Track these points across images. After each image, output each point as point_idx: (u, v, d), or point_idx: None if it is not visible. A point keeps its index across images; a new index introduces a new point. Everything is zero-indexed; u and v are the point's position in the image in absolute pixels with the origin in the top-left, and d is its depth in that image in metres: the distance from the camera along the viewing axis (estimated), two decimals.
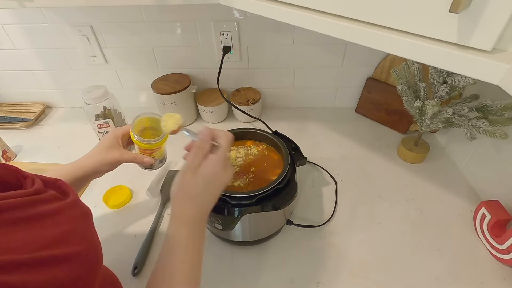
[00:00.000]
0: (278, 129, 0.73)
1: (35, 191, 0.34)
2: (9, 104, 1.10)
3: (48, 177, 0.38)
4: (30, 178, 0.37)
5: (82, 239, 0.35)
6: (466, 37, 0.31)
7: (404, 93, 0.71)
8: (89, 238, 0.37)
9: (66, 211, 0.35)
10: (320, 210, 0.71)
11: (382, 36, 0.38)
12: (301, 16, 0.46)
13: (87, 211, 0.39)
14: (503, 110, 0.59)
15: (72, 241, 0.33)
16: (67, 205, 0.36)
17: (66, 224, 0.34)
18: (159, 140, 0.56)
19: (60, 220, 0.34)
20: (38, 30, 0.91)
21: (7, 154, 0.87)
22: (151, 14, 0.86)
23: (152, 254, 0.63)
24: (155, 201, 0.74)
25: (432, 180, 0.76)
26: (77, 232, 0.35)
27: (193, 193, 0.44)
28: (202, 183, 0.44)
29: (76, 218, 0.36)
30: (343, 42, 0.87)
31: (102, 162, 0.56)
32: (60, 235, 0.32)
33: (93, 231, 0.39)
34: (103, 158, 0.56)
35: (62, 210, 0.35)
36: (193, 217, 0.44)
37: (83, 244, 0.34)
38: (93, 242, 0.37)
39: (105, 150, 0.56)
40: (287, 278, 0.58)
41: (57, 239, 0.31)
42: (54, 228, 0.32)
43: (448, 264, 0.59)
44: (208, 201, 0.45)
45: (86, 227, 0.38)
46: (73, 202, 0.37)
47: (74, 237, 0.34)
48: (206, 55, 0.94)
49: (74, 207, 0.37)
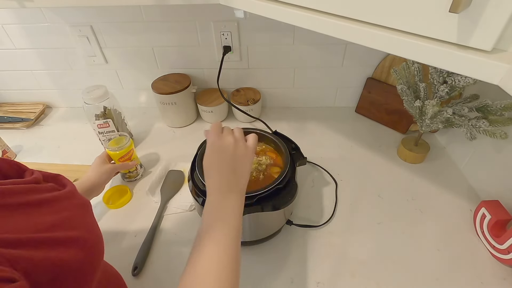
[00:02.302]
0: (278, 129, 0.73)
1: (34, 179, 0.37)
2: (9, 104, 1.10)
3: (48, 172, 0.40)
4: (29, 171, 0.40)
5: (82, 226, 0.36)
6: (466, 37, 0.31)
7: (404, 93, 0.71)
8: (89, 226, 0.38)
9: (65, 200, 0.37)
10: (320, 210, 0.71)
11: (382, 36, 0.38)
12: (301, 16, 0.46)
13: (86, 202, 0.41)
14: (503, 110, 0.59)
15: (72, 226, 0.35)
16: (66, 194, 0.38)
17: (65, 211, 0.35)
18: (126, 146, 0.74)
19: (59, 207, 0.35)
20: (38, 30, 0.91)
21: (7, 154, 0.87)
22: (151, 14, 0.86)
23: (152, 254, 0.63)
24: (155, 201, 0.74)
25: (432, 180, 0.76)
26: (76, 219, 0.36)
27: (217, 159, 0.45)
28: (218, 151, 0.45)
29: (74, 206, 0.38)
30: (343, 42, 0.87)
31: (101, 172, 0.68)
32: (59, 220, 0.34)
33: (93, 220, 0.40)
34: (100, 170, 0.69)
35: (60, 199, 0.36)
36: (218, 184, 0.44)
37: (82, 230, 0.36)
38: (93, 230, 0.38)
39: (99, 165, 0.70)
40: (287, 278, 0.58)
41: (57, 223, 0.33)
42: (53, 214, 0.34)
43: (448, 264, 0.59)
44: (230, 170, 0.44)
45: (85, 215, 0.39)
46: (70, 192, 0.39)
47: (73, 223, 0.35)
48: (206, 55, 0.94)
49: (72, 197, 0.39)
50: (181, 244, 0.65)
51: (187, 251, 0.63)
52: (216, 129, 0.47)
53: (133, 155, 0.77)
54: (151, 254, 0.63)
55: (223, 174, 0.44)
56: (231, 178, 0.43)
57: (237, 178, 0.44)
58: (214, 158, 0.45)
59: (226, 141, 0.46)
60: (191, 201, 0.72)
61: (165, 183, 0.78)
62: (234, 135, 0.47)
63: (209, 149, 0.46)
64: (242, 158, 0.45)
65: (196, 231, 0.41)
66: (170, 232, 0.67)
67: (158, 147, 0.91)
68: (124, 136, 0.75)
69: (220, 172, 0.44)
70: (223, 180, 0.43)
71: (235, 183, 0.44)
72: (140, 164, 0.81)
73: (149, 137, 0.96)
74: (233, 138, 0.46)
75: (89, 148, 0.89)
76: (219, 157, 0.44)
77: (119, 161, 0.74)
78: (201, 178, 0.56)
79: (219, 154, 0.45)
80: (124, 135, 0.76)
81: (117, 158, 0.73)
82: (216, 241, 0.38)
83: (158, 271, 0.60)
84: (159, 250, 0.64)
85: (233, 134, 0.47)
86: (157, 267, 0.61)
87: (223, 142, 0.45)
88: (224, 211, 0.41)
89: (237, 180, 0.44)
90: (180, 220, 0.70)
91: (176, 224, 0.69)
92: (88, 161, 0.72)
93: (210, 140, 0.46)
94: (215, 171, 0.44)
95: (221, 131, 0.48)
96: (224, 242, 0.38)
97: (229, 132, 0.48)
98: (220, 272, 0.35)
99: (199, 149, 0.64)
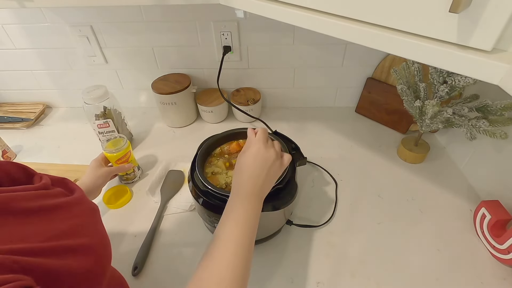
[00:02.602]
0: (278, 129, 0.73)
1: (43, 185, 0.37)
2: (9, 104, 1.10)
3: (55, 176, 0.40)
4: (38, 175, 0.40)
5: (92, 233, 0.37)
6: (466, 37, 0.31)
7: (404, 93, 0.71)
8: (98, 232, 0.39)
9: (75, 206, 0.37)
10: (320, 210, 0.71)
11: (382, 36, 0.38)
12: (301, 16, 0.46)
13: (95, 207, 0.41)
14: (503, 110, 0.59)
15: (82, 233, 0.35)
16: (76, 200, 0.38)
17: (76, 218, 0.36)
18: (123, 148, 0.73)
19: (70, 213, 0.35)
20: (38, 30, 0.91)
21: (7, 154, 0.87)
22: (151, 14, 0.86)
23: (152, 254, 0.63)
24: (155, 201, 0.74)
25: (432, 180, 0.76)
26: (86, 226, 0.37)
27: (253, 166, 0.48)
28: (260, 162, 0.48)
29: (84, 212, 0.38)
30: (343, 42, 0.87)
31: (97, 176, 0.68)
32: (70, 227, 0.34)
33: (101, 226, 0.41)
34: (96, 173, 0.68)
35: (71, 205, 0.37)
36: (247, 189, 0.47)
37: (92, 238, 0.36)
38: (102, 237, 0.39)
39: (95, 169, 0.70)
40: (287, 278, 0.58)
41: (68, 231, 0.33)
42: (64, 220, 0.34)
43: (448, 264, 0.59)
44: (263, 178, 0.48)
45: (95, 221, 0.40)
46: (80, 198, 0.39)
47: (83, 230, 0.36)
48: (206, 55, 0.94)
49: (82, 202, 0.39)
50: (181, 244, 0.65)
51: (187, 251, 0.64)
52: (265, 136, 0.51)
53: (130, 157, 0.76)
54: (151, 254, 0.63)
55: (255, 180, 0.47)
56: (258, 186, 0.47)
57: (263, 188, 0.48)
58: (253, 162, 0.48)
59: (269, 153, 0.49)
60: (191, 201, 0.72)
61: (165, 183, 0.78)
62: (275, 149, 0.51)
63: (252, 153, 0.49)
64: (275, 173, 0.50)
65: (198, 231, 0.42)
66: (170, 232, 0.67)
67: (158, 147, 0.91)
68: (122, 138, 0.75)
69: (253, 177, 0.47)
70: (254, 186, 0.47)
71: (261, 192, 0.48)
72: (137, 166, 0.81)
73: (149, 137, 0.96)
74: (275, 153, 0.50)
75: (89, 148, 0.89)
76: (258, 164, 0.48)
77: (116, 163, 0.74)
78: (201, 178, 0.56)
79: (260, 162, 0.48)
80: (121, 137, 0.75)
81: (114, 160, 0.73)
82: (233, 242, 0.41)
83: (158, 271, 0.60)
84: (159, 250, 0.64)
85: (275, 148, 0.51)
86: (157, 267, 0.61)
87: (267, 152, 0.49)
88: (246, 214, 0.44)
89: (263, 190, 0.48)
90: (180, 220, 0.70)
91: (176, 224, 0.69)
92: (88, 161, 0.72)
93: (256, 145, 0.49)
94: (249, 174, 0.47)
95: (267, 139, 0.51)
96: (240, 243, 0.41)
97: (272, 145, 0.51)
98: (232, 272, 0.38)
99: (199, 149, 0.64)
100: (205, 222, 0.63)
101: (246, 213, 0.44)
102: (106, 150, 0.72)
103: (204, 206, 0.55)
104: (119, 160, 0.74)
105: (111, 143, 0.74)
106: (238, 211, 0.44)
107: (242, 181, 0.47)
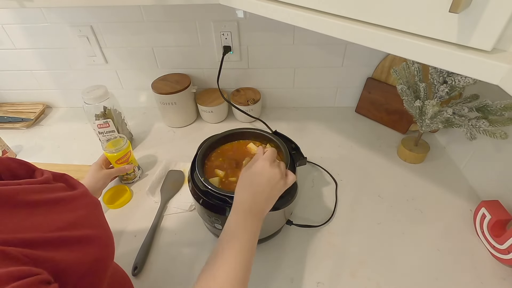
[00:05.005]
0: (278, 129, 0.73)
1: (45, 179, 0.38)
2: (9, 104, 1.10)
3: (56, 172, 0.41)
4: (39, 171, 0.41)
5: (96, 224, 0.38)
6: (466, 37, 0.31)
7: (404, 93, 0.71)
8: (102, 224, 0.40)
9: (79, 199, 0.38)
10: (320, 210, 0.71)
11: (382, 36, 0.38)
12: (301, 16, 0.46)
13: (97, 202, 0.43)
14: (503, 110, 0.59)
15: (87, 224, 0.36)
16: (79, 194, 0.39)
17: (80, 210, 0.37)
18: (123, 148, 0.73)
19: (75, 206, 0.37)
20: (38, 30, 0.91)
21: (7, 154, 0.87)
22: (151, 14, 0.86)
23: (152, 254, 0.63)
24: (155, 201, 0.74)
25: (432, 180, 0.76)
26: (91, 218, 0.38)
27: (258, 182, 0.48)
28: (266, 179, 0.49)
29: (88, 205, 0.39)
30: (343, 42, 0.87)
31: (97, 178, 0.69)
32: (76, 219, 0.35)
33: (104, 219, 0.42)
34: (96, 176, 0.69)
35: (75, 198, 0.38)
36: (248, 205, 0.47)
37: (97, 229, 0.38)
38: (106, 228, 0.41)
39: (95, 172, 0.70)
40: (287, 278, 0.58)
41: (74, 222, 0.34)
42: (69, 212, 0.35)
43: (448, 264, 0.59)
44: (265, 196, 0.48)
45: (99, 214, 0.41)
46: (84, 192, 0.40)
47: (88, 221, 0.37)
48: (206, 55, 0.94)
49: (86, 196, 0.40)
50: (181, 244, 0.65)
51: (187, 251, 0.64)
52: (273, 156, 0.52)
53: (130, 157, 0.76)
54: (151, 254, 0.63)
55: (257, 198, 0.47)
56: (260, 205, 0.47)
57: (264, 206, 0.48)
58: (257, 180, 0.48)
59: (274, 172, 0.49)
60: (191, 201, 0.72)
61: (165, 183, 0.78)
62: (281, 169, 0.50)
63: (257, 171, 0.49)
64: (277, 192, 0.50)
65: (198, 231, 0.43)
66: (170, 232, 0.67)
67: (158, 147, 0.91)
68: (122, 138, 0.75)
69: (255, 195, 0.47)
70: (254, 203, 0.47)
71: (262, 210, 0.48)
72: (138, 166, 0.81)
73: (149, 137, 0.96)
74: (280, 173, 0.50)
75: (89, 148, 0.89)
76: (262, 182, 0.48)
77: (117, 163, 0.74)
78: (201, 178, 0.56)
79: (265, 180, 0.48)
80: (122, 137, 0.76)
81: (115, 160, 0.73)
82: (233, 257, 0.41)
83: (158, 271, 0.60)
84: (159, 250, 0.64)
85: (280, 168, 0.51)
86: (157, 267, 0.61)
87: (272, 171, 0.49)
88: (245, 232, 0.44)
89: (263, 208, 0.48)
90: (180, 220, 0.70)
91: (176, 224, 0.69)
92: (88, 161, 0.72)
93: (262, 162, 0.50)
94: (251, 191, 0.47)
95: (274, 160, 0.52)
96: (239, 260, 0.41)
97: (278, 165, 0.51)
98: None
99: (199, 149, 0.64)
100: (205, 222, 0.63)
101: (246, 232, 0.44)
102: (106, 150, 0.72)
103: (204, 206, 0.56)
104: (119, 160, 0.74)
105: (111, 143, 0.74)
106: (239, 230, 0.44)
107: (244, 197, 0.47)
